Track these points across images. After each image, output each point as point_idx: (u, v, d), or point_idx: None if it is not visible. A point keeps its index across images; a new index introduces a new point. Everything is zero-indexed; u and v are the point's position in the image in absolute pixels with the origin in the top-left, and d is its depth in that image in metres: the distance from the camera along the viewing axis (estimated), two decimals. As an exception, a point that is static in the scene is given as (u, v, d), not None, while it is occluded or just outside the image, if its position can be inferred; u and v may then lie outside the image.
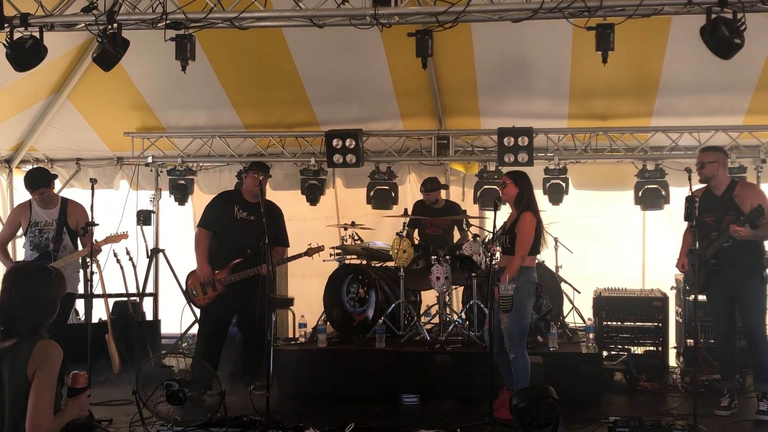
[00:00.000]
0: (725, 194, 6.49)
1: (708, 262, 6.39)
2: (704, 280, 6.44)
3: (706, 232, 6.40)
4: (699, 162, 6.56)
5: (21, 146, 9.67)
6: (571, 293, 8.38)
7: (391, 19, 6.11)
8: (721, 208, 6.44)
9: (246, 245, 7.06)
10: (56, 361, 3.49)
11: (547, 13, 5.85)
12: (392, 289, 8.14)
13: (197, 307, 7.60)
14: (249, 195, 7.31)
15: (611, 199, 9.52)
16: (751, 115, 8.51)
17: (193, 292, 7.27)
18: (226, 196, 7.60)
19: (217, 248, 7.27)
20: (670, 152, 8.84)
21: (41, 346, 3.46)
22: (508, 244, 6.33)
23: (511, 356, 6.23)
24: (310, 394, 7.31)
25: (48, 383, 3.42)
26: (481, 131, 9.22)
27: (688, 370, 7.60)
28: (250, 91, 9.03)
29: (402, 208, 8.90)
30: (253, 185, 7.19)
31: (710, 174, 6.50)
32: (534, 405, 5.62)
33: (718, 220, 6.41)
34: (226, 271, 7.14)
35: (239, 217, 7.26)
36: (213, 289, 7.15)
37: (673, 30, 7.44)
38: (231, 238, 7.23)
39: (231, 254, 7.15)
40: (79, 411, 3.59)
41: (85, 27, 6.38)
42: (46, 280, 3.66)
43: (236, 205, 7.29)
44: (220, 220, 7.30)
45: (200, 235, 7.34)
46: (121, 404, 6.75)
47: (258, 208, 6.91)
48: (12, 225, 7.19)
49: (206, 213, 7.46)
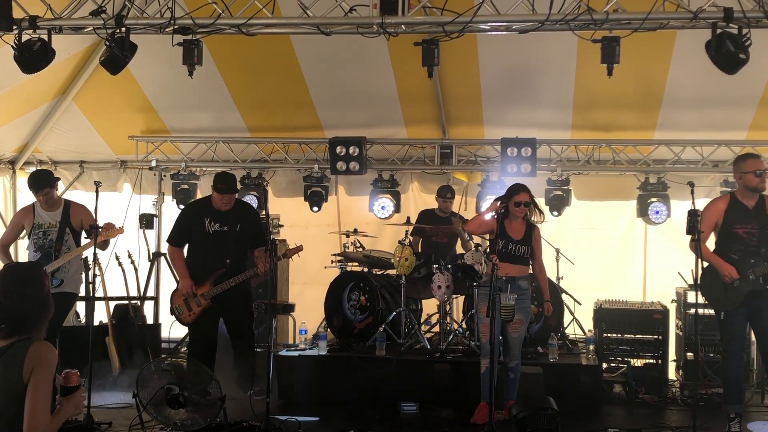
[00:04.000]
0: (758, 207, 6.14)
1: (755, 282, 6.01)
2: (744, 299, 6.04)
3: (735, 243, 6.12)
4: (758, 170, 6.11)
5: (25, 148, 9.67)
6: (571, 304, 8.38)
7: (398, 29, 6.13)
8: (759, 219, 6.10)
9: (224, 256, 6.99)
10: (52, 362, 3.49)
11: (553, 25, 5.88)
12: (393, 297, 8.15)
13: (184, 325, 7.44)
14: (222, 207, 7.14)
15: (613, 211, 9.54)
16: (754, 131, 8.52)
17: (179, 311, 7.15)
18: (193, 208, 7.44)
19: (194, 263, 7.14)
20: (673, 165, 8.86)
21: (36, 348, 3.46)
22: (528, 255, 6.53)
23: (514, 362, 6.43)
24: (310, 400, 7.30)
25: (45, 384, 3.42)
26: (484, 141, 9.24)
27: (687, 383, 7.61)
28: (256, 97, 9.04)
29: (404, 216, 8.92)
30: (220, 202, 7.04)
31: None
32: (534, 415, 5.64)
33: (760, 233, 6.06)
34: (207, 284, 7.02)
35: (211, 230, 7.08)
36: (197, 304, 7.04)
37: (677, 44, 7.48)
38: (207, 251, 7.10)
39: (211, 267, 7.03)
40: (74, 409, 3.58)
41: (93, 30, 6.40)
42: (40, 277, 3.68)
43: (207, 218, 7.09)
44: (191, 235, 7.16)
45: (172, 252, 7.24)
46: (121, 407, 6.76)
47: (231, 216, 6.97)
48: (15, 227, 7.21)
49: (175, 228, 7.31)
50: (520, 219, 6.56)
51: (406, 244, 7.95)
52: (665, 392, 7.69)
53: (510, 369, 6.52)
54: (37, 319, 3.57)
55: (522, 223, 6.60)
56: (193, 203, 7.69)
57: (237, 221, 7.07)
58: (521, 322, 6.39)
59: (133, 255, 8.86)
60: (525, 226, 6.61)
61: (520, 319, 6.38)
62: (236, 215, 7.10)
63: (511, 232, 6.51)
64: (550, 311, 6.83)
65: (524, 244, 6.52)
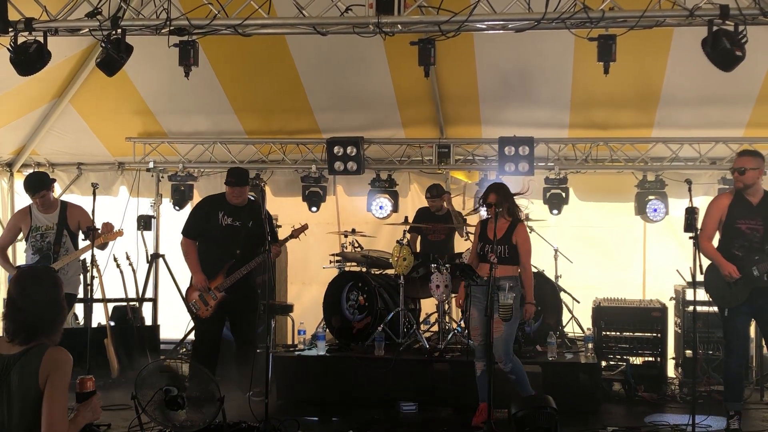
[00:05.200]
0: (763, 204, 6.08)
1: (759, 279, 5.92)
2: (748, 296, 5.97)
3: (738, 239, 6.05)
4: (740, 166, 6.06)
5: (23, 150, 9.68)
6: (570, 303, 8.38)
7: (394, 28, 6.13)
8: (763, 216, 6.02)
9: (234, 248, 7.03)
10: (67, 368, 3.45)
11: (549, 24, 5.87)
12: (392, 296, 8.14)
13: (201, 321, 7.27)
14: (234, 200, 7.19)
15: (611, 209, 9.54)
16: (751, 128, 8.53)
17: (196, 307, 7.09)
18: (210, 201, 7.46)
19: (206, 257, 7.15)
20: (671, 163, 8.86)
21: (51, 354, 3.42)
22: (507, 254, 6.30)
23: (508, 366, 6.24)
24: (309, 401, 7.30)
25: (61, 391, 3.39)
26: (482, 140, 9.24)
27: (686, 380, 7.61)
28: (252, 98, 9.04)
29: (402, 215, 8.91)
30: (232, 196, 7.10)
31: (751, 181, 6.05)
32: (533, 414, 5.63)
33: (764, 230, 5.99)
34: (220, 277, 7.03)
35: (224, 224, 7.13)
36: (213, 297, 7.03)
37: (674, 41, 7.48)
38: (218, 245, 7.12)
39: (221, 260, 7.04)
40: (92, 415, 3.56)
41: (89, 32, 6.37)
42: (56, 280, 3.67)
43: (221, 212, 7.15)
44: (205, 227, 7.18)
45: (187, 245, 7.20)
46: (120, 409, 6.74)
47: (243, 212, 6.99)
48: (12, 230, 7.20)
49: (190, 220, 7.34)
50: (502, 219, 6.33)
51: (404, 243, 7.95)
52: (664, 390, 7.68)
53: (507, 374, 6.35)
54: (53, 325, 3.54)
55: (505, 222, 6.37)
56: (209, 197, 7.71)
57: (249, 218, 7.10)
58: (500, 322, 6.16)
59: (131, 256, 8.86)
60: (507, 224, 6.39)
61: (498, 318, 6.14)
62: (248, 212, 7.13)
63: (489, 233, 6.27)
64: (530, 315, 6.48)
65: (502, 243, 6.30)
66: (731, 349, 6.23)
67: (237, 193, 7.10)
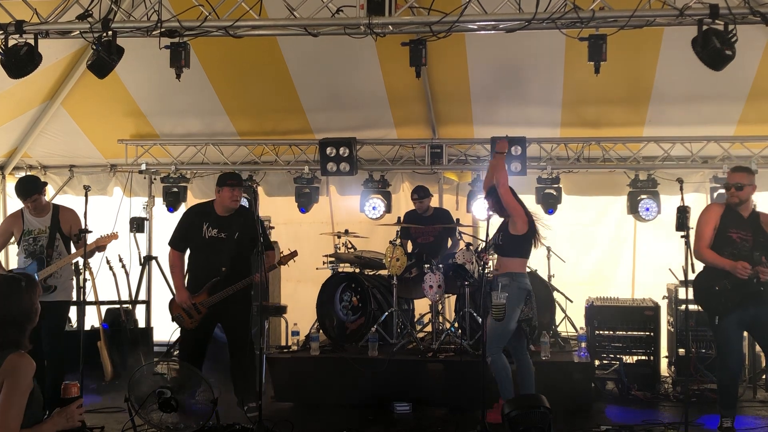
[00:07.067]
0: (753, 218, 6.11)
1: (749, 283, 5.89)
2: (740, 299, 5.95)
3: (729, 246, 6.02)
4: (737, 182, 6.06)
5: (14, 153, 9.66)
6: (563, 302, 8.40)
7: (385, 29, 6.13)
8: (753, 229, 6.05)
9: (220, 264, 6.76)
10: (25, 372, 3.45)
11: (540, 24, 5.89)
12: (385, 297, 8.14)
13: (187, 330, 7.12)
14: (222, 209, 6.89)
15: (603, 208, 9.57)
16: (742, 125, 8.57)
17: (181, 319, 6.92)
18: (194, 212, 7.21)
19: (192, 269, 6.98)
20: (663, 162, 8.89)
21: (11, 359, 3.44)
22: (501, 241, 6.32)
23: (488, 359, 6.19)
24: (303, 402, 7.31)
25: (15, 395, 3.39)
26: (474, 140, 9.26)
27: (679, 379, 7.62)
28: (244, 99, 9.04)
29: (395, 216, 8.92)
30: (230, 199, 6.86)
31: (746, 196, 6.08)
32: (526, 413, 5.63)
33: (754, 241, 5.99)
34: (204, 293, 6.80)
35: (208, 236, 6.88)
36: (197, 311, 6.82)
37: (665, 41, 7.51)
38: (202, 258, 6.93)
39: (206, 275, 6.83)
40: (66, 421, 3.54)
41: (80, 35, 6.37)
42: (16, 291, 3.63)
43: (205, 223, 6.91)
44: (190, 238, 6.98)
45: (173, 257, 7.00)
46: (113, 411, 6.74)
47: (231, 222, 6.80)
48: (4, 234, 7.15)
49: (176, 230, 7.10)
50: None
51: (397, 244, 7.94)
52: (657, 388, 7.69)
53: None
54: (21, 332, 3.54)
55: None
56: (194, 207, 7.43)
57: (237, 228, 6.85)
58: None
59: (124, 259, 8.84)
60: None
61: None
62: (237, 222, 6.87)
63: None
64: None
65: (498, 231, 6.41)
66: (726, 364, 6.18)
67: (238, 194, 6.91)
